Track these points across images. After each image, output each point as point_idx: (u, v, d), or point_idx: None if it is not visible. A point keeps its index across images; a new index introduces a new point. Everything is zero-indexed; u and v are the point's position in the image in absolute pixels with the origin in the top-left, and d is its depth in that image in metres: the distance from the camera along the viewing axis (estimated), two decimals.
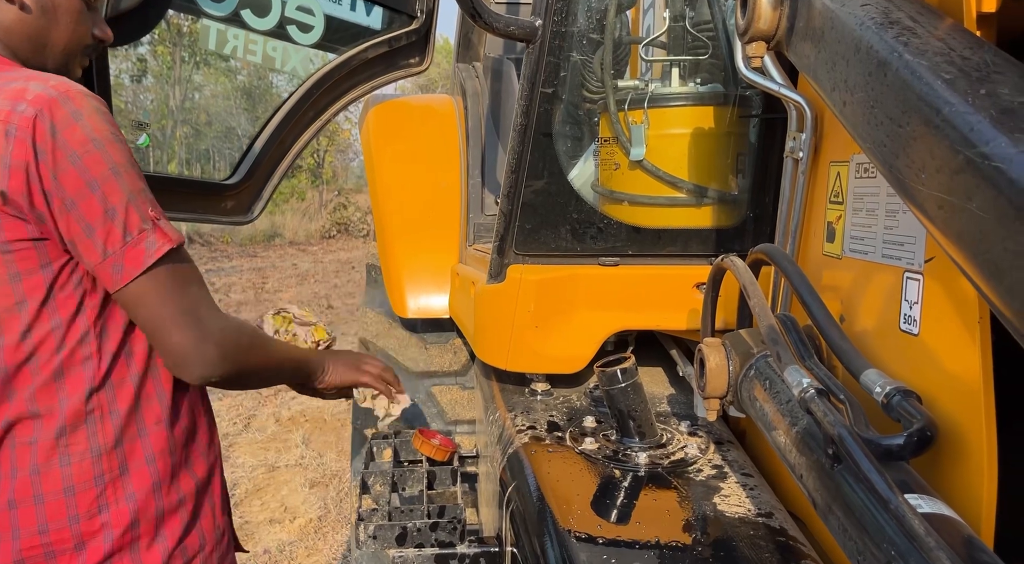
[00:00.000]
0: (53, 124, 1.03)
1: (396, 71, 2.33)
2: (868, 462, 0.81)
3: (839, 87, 0.96)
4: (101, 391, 1.12)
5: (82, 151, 1.04)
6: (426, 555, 1.42)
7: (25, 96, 1.03)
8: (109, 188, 1.06)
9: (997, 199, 0.64)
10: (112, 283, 1.09)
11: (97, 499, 1.12)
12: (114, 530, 1.13)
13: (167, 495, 1.19)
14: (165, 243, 1.11)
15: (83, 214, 1.05)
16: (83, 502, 1.11)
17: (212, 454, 1.32)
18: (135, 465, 1.16)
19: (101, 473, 1.12)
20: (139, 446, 1.16)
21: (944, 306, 0.98)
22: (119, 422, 1.14)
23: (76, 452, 1.11)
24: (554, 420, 1.60)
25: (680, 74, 1.69)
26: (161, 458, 1.19)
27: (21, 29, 1.14)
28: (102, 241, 1.06)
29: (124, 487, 1.14)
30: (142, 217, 1.09)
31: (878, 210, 1.15)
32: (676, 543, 1.14)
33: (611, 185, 1.72)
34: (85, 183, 1.04)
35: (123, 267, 1.08)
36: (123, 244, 1.07)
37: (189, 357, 1.13)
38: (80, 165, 1.04)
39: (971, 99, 0.72)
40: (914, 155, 0.78)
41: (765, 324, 1.11)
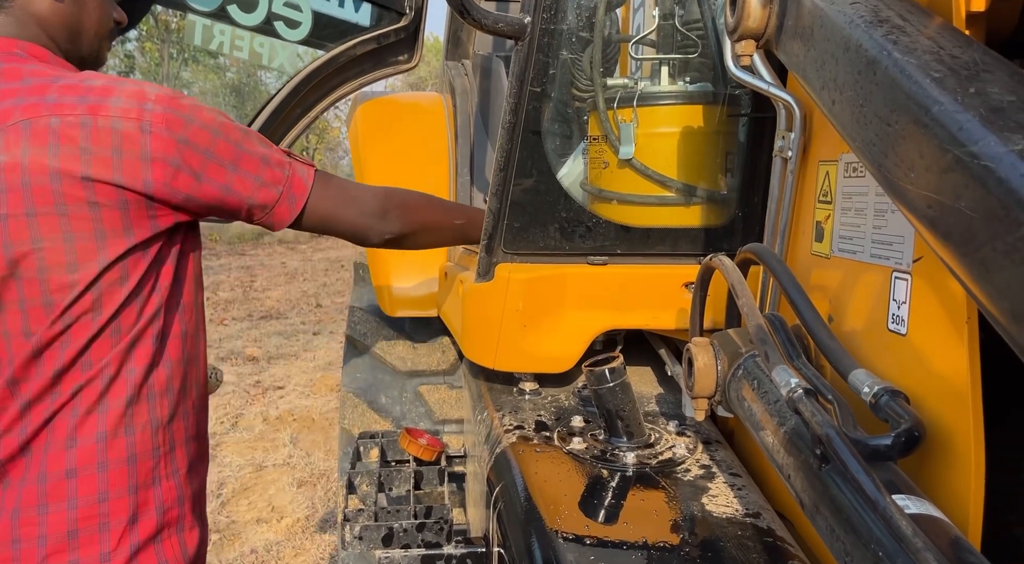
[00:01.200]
0: (187, 114, 1.14)
1: (385, 68, 2.32)
2: (856, 462, 0.80)
3: (828, 86, 0.96)
4: (161, 368, 1.19)
5: (218, 125, 1.19)
6: (413, 556, 1.41)
7: (148, 96, 1.12)
8: (250, 145, 1.23)
9: (986, 198, 0.64)
10: (291, 214, 1.29)
11: (152, 471, 1.18)
12: (165, 504, 1.20)
13: (195, 478, 1.28)
14: (308, 168, 1.33)
15: (248, 170, 1.22)
16: (142, 472, 1.16)
17: (208, 449, 1.39)
18: (180, 443, 1.23)
19: (157, 446, 1.19)
20: (183, 426, 1.24)
21: (932, 306, 0.97)
22: (173, 399, 1.21)
23: (139, 423, 1.16)
24: (542, 420, 1.59)
25: (669, 73, 1.68)
26: (195, 441, 1.28)
27: (57, 19, 1.19)
28: (271, 182, 1.25)
29: (172, 462, 1.21)
30: (282, 156, 1.29)
31: (867, 210, 1.14)
32: (664, 543, 1.13)
33: (600, 184, 1.72)
34: (235, 146, 1.20)
35: (295, 197, 1.28)
36: (285, 178, 1.27)
37: (360, 228, 1.39)
38: (223, 135, 1.19)
39: (960, 98, 0.71)
40: (903, 154, 0.77)
41: (753, 323, 1.11)
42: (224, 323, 8.69)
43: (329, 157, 24.41)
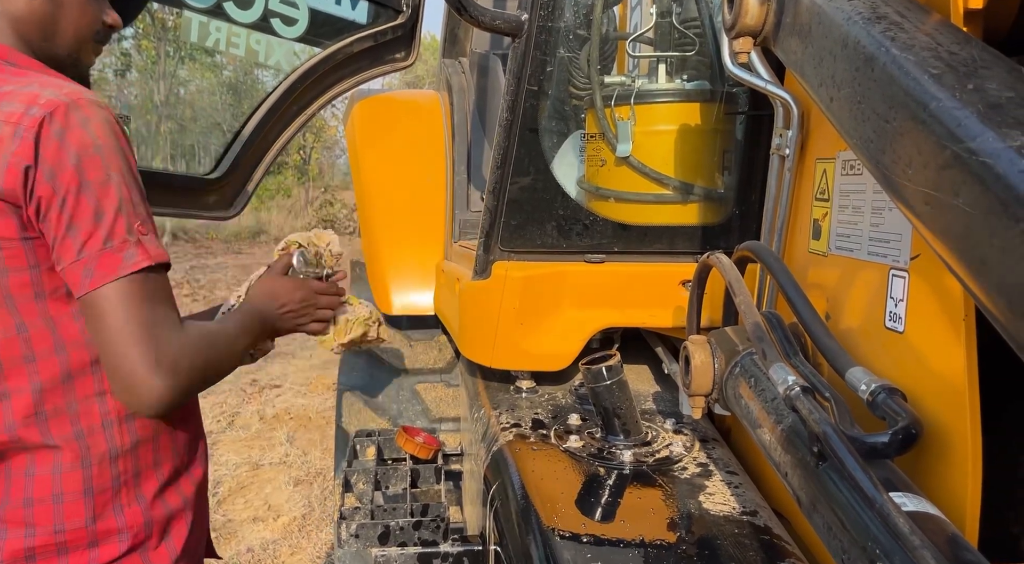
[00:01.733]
0: (60, 128, 1.03)
1: (381, 66, 2.31)
2: (853, 460, 0.80)
3: (826, 83, 0.96)
4: (111, 396, 1.12)
5: (83, 154, 1.04)
6: (409, 554, 1.41)
7: (38, 100, 1.04)
8: (103, 192, 1.05)
9: (984, 194, 0.64)
10: (79, 286, 1.05)
11: (112, 500, 1.13)
12: (129, 531, 1.14)
13: (173, 498, 1.22)
14: (144, 259, 1.07)
15: (71, 212, 1.04)
16: (100, 503, 1.12)
17: (204, 459, 1.34)
18: (147, 468, 1.18)
19: (117, 475, 1.14)
20: (150, 450, 1.18)
21: (929, 304, 0.97)
22: (133, 426, 1.15)
23: (96, 454, 1.11)
24: (539, 418, 1.59)
25: (667, 70, 1.68)
26: (167, 462, 1.21)
27: (30, 17, 1.15)
28: (82, 241, 1.04)
29: (136, 488, 1.16)
30: (128, 228, 1.07)
31: (864, 207, 1.14)
32: (660, 541, 1.13)
33: (597, 181, 1.71)
34: (80, 183, 1.04)
35: (93, 272, 1.05)
36: (101, 249, 1.05)
37: (138, 386, 1.07)
38: (79, 166, 1.04)
39: (958, 94, 0.71)
40: (901, 151, 0.77)
41: (751, 321, 1.11)
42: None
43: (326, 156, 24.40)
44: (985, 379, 0.92)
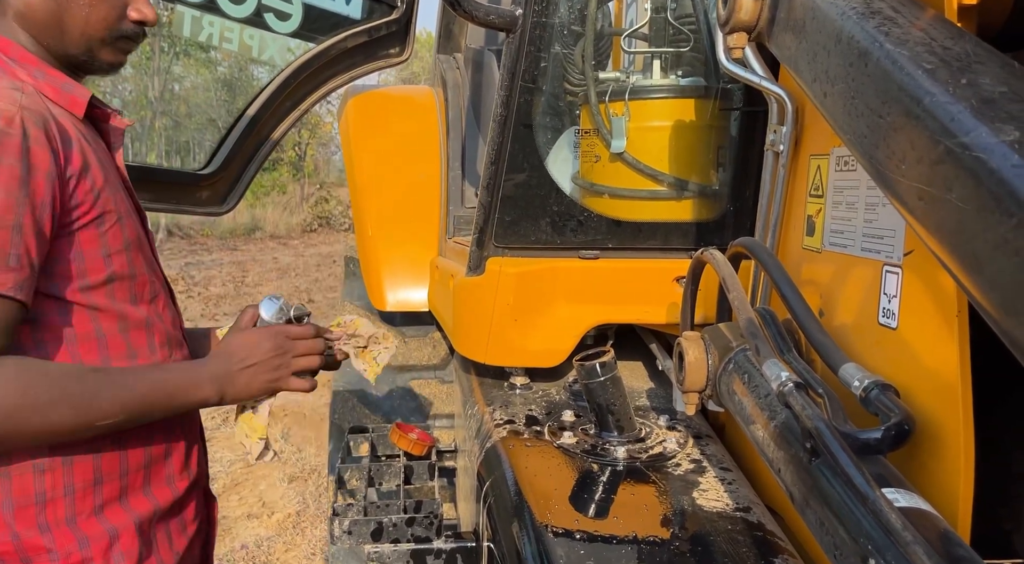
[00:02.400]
0: None
1: (376, 61, 2.31)
2: (845, 456, 0.80)
3: (820, 78, 0.95)
4: None
5: None
6: (402, 550, 1.40)
7: None
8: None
9: (977, 189, 0.63)
10: None
11: (36, 517, 1.07)
12: (58, 551, 1.08)
13: (116, 517, 1.14)
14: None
15: None
16: (21, 519, 1.07)
17: (184, 479, 1.25)
18: (81, 485, 1.10)
19: (42, 491, 1.08)
20: (90, 465, 1.11)
21: (922, 300, 0.97)
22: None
23: (16, 466, 1.06)
24: (533, 414, 1.59)
25: (662, 66, 1.67)
26: (110, 480, 1.13)
27: (33, 14, 1.11)
28: None
29: (67, 508, 1.09)
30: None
31: (858, 203, 1.14)
32: (654, 537, 1.13)
33: (591, 178, 1.71)
34: None
35: None
36: None
37: None
38: None
39: (952, 89, 0.71)
40: (894, 146, 0.77)
41: (744, 317, 1.10)
42: (215, 318, 8.65)
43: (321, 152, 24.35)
44: (978, 375, 0.92)
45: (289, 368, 1.27)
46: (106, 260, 1.13)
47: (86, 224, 1.10)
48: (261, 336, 1.25)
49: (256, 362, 1.23)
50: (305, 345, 1.28)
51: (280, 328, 1.27)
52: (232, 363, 1.22)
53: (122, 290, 1.16)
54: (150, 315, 1.21)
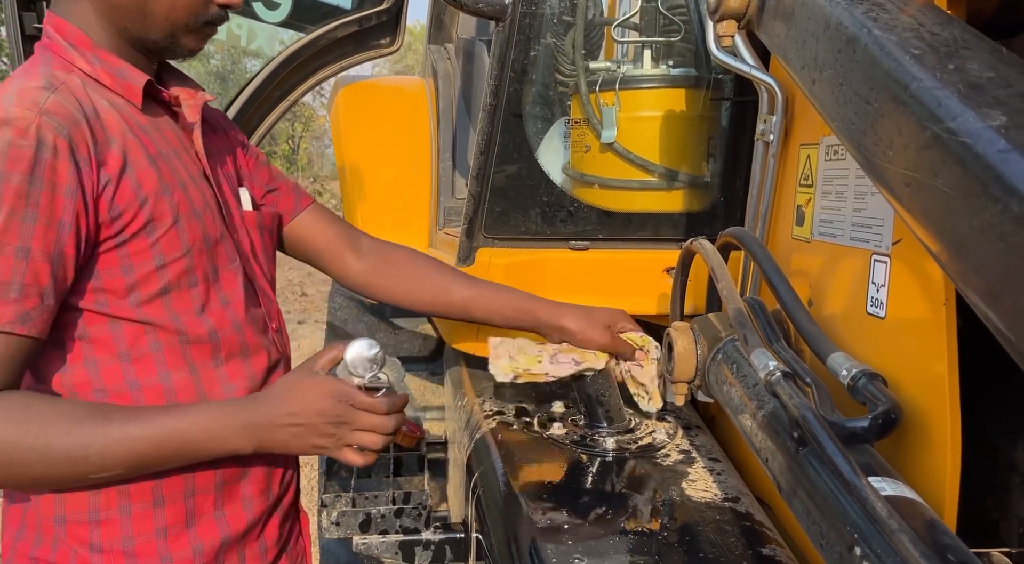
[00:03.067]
0: None
1: (366, 51, 2.29)
2: (832, 444, 0.80)
3: (808, 65, 0.95)
4: None
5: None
6: (390, 542, 1.40)
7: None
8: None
9: (963, 175, 0.63)
10: None
11: (90, 535, 1.03)
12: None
13: (178, 544, 1.06)
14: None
15: None
16: (73, 535, 1.03)
17: (264, 501, 1.14)
18: (139, 505, 1.05)
19: (96, 508, 1.03)
20: (148, 485, 1.04)
21: (911, 289, 0.97)
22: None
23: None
24: (523, 406, 1.58)
25: (652, 56, 1.67)
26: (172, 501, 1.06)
27: (118, 1, 1.04)
28: None
29: (123, 528, 1.04)
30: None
31: (847, 192, 1.14)
32: (642, 528, 1.12)
33: (582, 168, 1.70)
34: None
35: None
36: None
37: None
38: None
39: (939, 74, 0.70)
40: (882, 132, 0.76)
41: (733, 307, 1.10)
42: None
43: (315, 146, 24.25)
44: (966, 365, 0.92)
45: (343, 440, 1.07)
46: (160, 271, 1.03)
47: (133, 235, 1.01)
48: (323, 393, 1.04)
49: (305, 423, 1.04)
50: (371, 421, 1.06)
51: (348, 392, 1.05)
52: (276, 414, 1.04)
53: (181, 300, 1.06)
54: (218, 324, 1.10)
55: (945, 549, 0.70)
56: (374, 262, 1.44)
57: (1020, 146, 0.59)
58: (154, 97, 1.12)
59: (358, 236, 1.47)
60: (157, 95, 1.12)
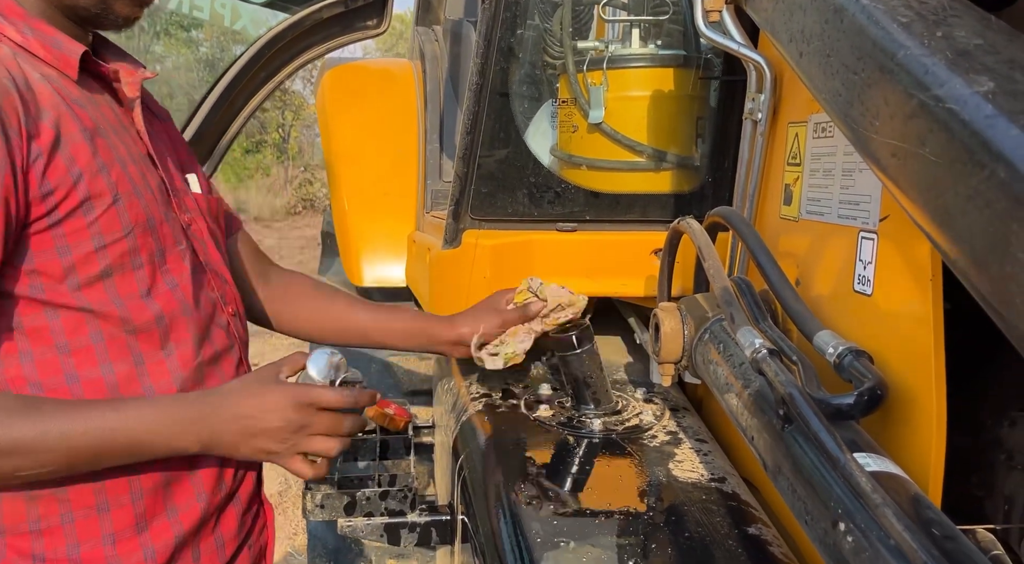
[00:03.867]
0: None
1: (353, 33, 2.27)
2: (817, 421, 0.79)
3: (796, 38, 0.93)
4: None
5: None
6: (375, 524, 1.39)
7: None
8: None
9: (950, 142, 0.62)
10: None
11: (32, 545, 0.99)
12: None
13: (126, 548, 1.02)
14: None
15: None
16: (13, 547, 0.98)
17: (219, 492, 1.11)
18: (82, 512, 1.00)
19: (36, 518, 0.98)
20: (89, 489, 1.00)
21: (897, 265, 0.96)
22: None
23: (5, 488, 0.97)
24: (509, 388, 1.57)
25: (641, 35, 1.65)
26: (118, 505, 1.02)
27: None
28: None
29: (67, 536, 0.99)
30: None
31: (835, 170, 1.12)
32: (628, 508, 1.12)
33: (569, 149, 1.69)
34: None
35: None
36: None
37: None
38: None
39: (927, 41, 0.69)
40: (868, 102, 0.75)
41: (719, 286, 1.09)
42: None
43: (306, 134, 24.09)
44: (953, 344, 0.91)
45: (297, 447, 1.05)
46: (99, 252, 0.98)
47: (67, 213, 0.95)
48: (287, 399, 1.02)
49: (261, 428, 1.01)
50: (327, 423, 1.05)
51: (315, 393, 1.04)
52: (229, 417, 1.01)
53: (125, 283, 1.01)
54: (166, 308, 1.05)
55: (929, 523, 0.69)
56: (279, 293, 1.46)
57: (1007, 112, 0.58)
58: (91, 71, 1.06)
59: (268, 268, 1.48)
60: (95, 69, 1.07)
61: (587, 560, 1.00)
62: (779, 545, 1.04)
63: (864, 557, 0.69)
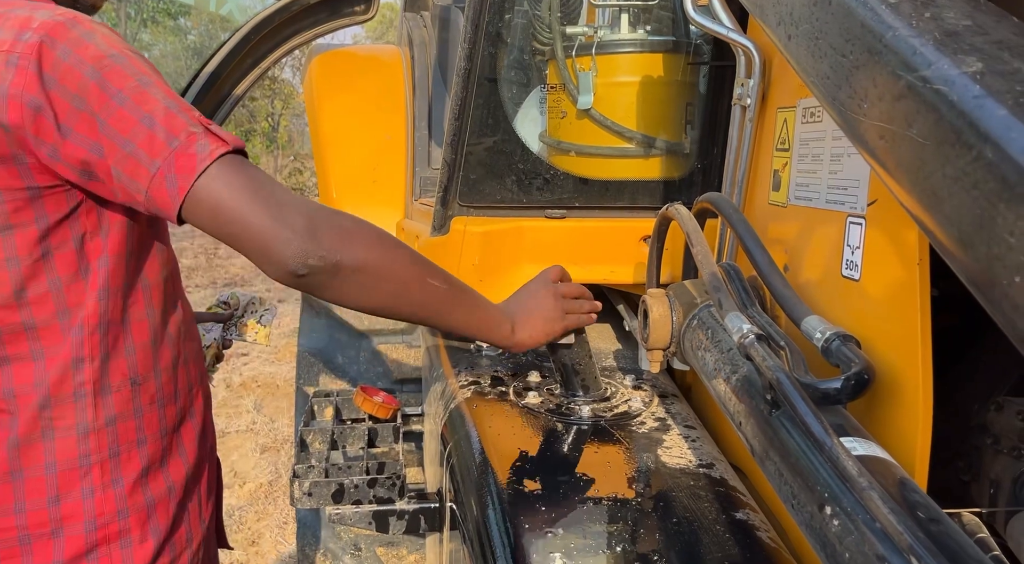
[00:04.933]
0: (64, 47, 0.90)
1: (340, 19, 2.25)
2: (805, 405, 0.79)
3: (784, 21, 0.92)
4: (92, 364, 1.02)
5: (100, 66, 0.91)
6: (363, 512, 1.39)
7: (31, 24, 0.91)
8: (140, 98, 0.91)
9: (938, 123, 0.61)
10: (171, 201, 0.91)
11: (80, 481, 1.03)
12: (97, 518, 1.03)
13: (156, 483, 1.10)
14: (220, 146, 0.93)
15: (116, 130, 0.90)
16: (64, 483, 1.02)
17: (207, 441, 1.23)
18: (125, 447, 1.06)
19: (87, 453, 1.02)
20: (132, 427, 1.07)
21: (884, 250, 0.96)
22: (110, 399, 1.04)
23: (61, 427, 1.01)
24: (498, 375, 1.57)
25: (630, 20, 1.63)
26: (153, 441, 1.09)
27: None
28: (145, 152, 0.90)
29: (112, 471, 1.04)
30: (188, 121, 0.93)
31: (823, 155, 1.12)
32: (616, 495, 1.12)
33: (558, 135, 1.67)
34: (110, 97, 0.90)
35: (175, 178, 0.90)
36: (169, 151, 0.90)
37: (273, 238, 0.92)
38: (101, 80, 0.90)
39: (915, 22, 0.68)
40: (857, 85, 0.74)
41: (707, 272, 1.09)
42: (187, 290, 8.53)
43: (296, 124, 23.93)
44: (940, 330, 0.91)
45: (565, 321, 1.31)
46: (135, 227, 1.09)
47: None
48: (555, 294, 1.31)
49: (548, 314, 1.29)
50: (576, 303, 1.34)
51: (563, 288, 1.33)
52: (527, 308, 1.28)
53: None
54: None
55: (915, 507, 0.69)
56: None
57: (995, 92, 0.58)
58: None
59: None
60: None
61: (575, 546, 1.00)
62: (767, 530, 1.05)
63: (850, 540, 0.69)
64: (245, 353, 6.36)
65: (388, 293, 1.04)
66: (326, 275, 0.96)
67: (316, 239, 0.94)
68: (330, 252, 0.95)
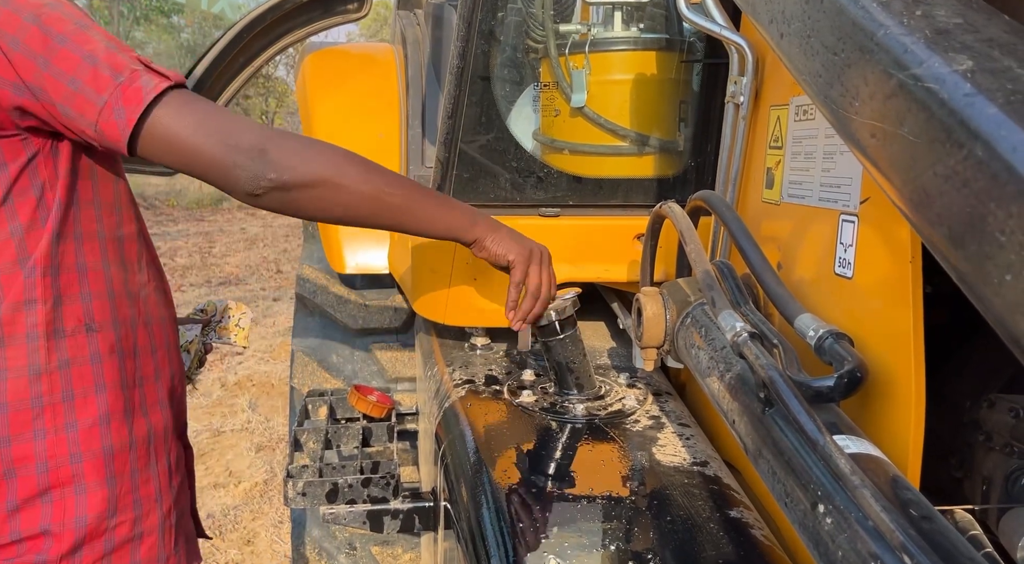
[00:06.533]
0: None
1: (333, 17, 2.24)
2: (797, 403, 0.79)
3: (776, 19, 0.92)
4: (45, 305, 1.02)
5: (39, 12, 0.95)
6: (358, 511, 1.38)
7: None
8: (81, 39, 0.96)
9: (929, 122, 0.61)
10: (120, 132, 0.96)
11: (32, 423, 1.03)
12: (49, 461, 1.03)
13: (116, 433, 1.09)
14: (160, 80, 0.98)
15: (61, 69, 0.94)
16: (16, 423, 1.02)
17: (171, 407, 1.22)
18: (81, 392, 1.06)
19: (39, 394, 1.03)
20: (88, 372, 1.07)
21: (877, 247, 0.96)
22: (63, 343, 1.04)
23: (13, 367, 1.01)
24: (493, 374, 1.57)
25: (623, 18, 1.63)
26: (113, 390, 1.09)
27: None
28: (92, 88, 0.95)
29: (65, 414, 1.05)
30: (128, 59, 0.98)
31: (816, 153, 1.12)
32: (610, 493, 1.12)
33: (552, 133, 1.67)
34: (53, 38, 0.95)
35: (123, 110, 0.95)
36: (115, 85, 0.95)
37: (226, 163, 0.99)
38: (41, 24, 0.95)
39: (906, 21, 0.68)
40: (848, 83, 0.74)
41: (701, 270, 1.09)
42: (181, 289, 8.52)
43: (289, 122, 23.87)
44: (932, 327, 0.91)
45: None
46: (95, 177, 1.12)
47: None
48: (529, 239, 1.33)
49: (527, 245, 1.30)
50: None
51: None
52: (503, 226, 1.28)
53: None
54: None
55: (908, 504, 0.70)
56: None
57: (986, 90, 0.58)
58: None
59: None
60: None
61: (570, 545, 1.00)
62: (760, 527, 1.05)
63: (843, 538, 0.69)
64: (240, 352, 6.34)
65: (346, 204, 1.09)
66: (282, 191, 1.02)
67: (267, 160, 1.00)
68: (282, 171, 1.01)
